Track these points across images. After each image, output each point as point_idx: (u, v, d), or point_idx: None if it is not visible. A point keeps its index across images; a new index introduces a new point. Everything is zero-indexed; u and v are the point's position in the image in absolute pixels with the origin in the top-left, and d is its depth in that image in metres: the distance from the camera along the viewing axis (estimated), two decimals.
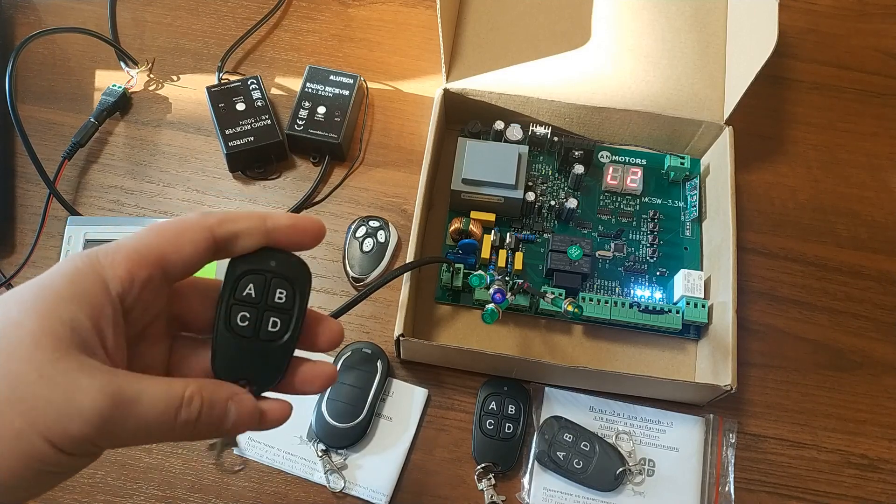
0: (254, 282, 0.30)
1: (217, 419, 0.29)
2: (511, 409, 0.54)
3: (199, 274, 0.31)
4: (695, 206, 0.62)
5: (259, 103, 0.63)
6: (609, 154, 0.64)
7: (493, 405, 0.55)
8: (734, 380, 0.51)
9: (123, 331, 0.28)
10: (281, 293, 0.31)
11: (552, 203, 0.62)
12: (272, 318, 0.31)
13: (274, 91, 0.68)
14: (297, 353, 0.32)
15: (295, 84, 0.67)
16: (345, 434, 0.53)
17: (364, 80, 0.67)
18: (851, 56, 0.72)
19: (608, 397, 0.56)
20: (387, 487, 0.52)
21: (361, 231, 0.60)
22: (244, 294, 0.30)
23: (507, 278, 0.56)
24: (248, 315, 0.30)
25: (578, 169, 0.61)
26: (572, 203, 0.60)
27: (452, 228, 0.59)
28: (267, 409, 0.31)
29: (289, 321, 0.31)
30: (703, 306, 0.56)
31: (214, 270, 0.52)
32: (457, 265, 0.57)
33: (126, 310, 0.28)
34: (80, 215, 0.60)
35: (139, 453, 0.53)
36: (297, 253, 0.32)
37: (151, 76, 0.68)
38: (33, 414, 0.25)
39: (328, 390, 0.54)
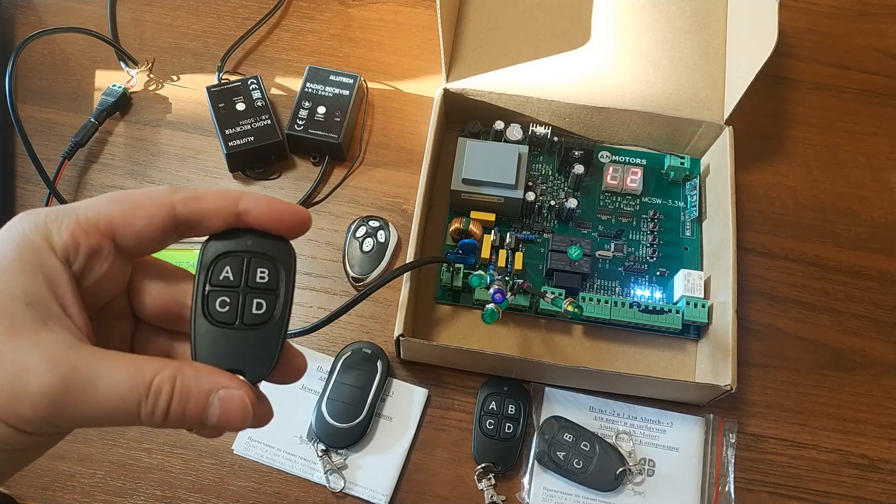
0: (230, 264, 0.28)
1: (194, 413, 0.26)
2: (511, 409, 0.54)
3: None
4: (695, 206, 0.62)
5: (259, 103, 0.63)
6: (609, 154, 0.64)
7: (493, 405, 0.55)
8: (734, 380, 0.51)
9: (79, 299, 0.26)
10: (262, 272, 0.28)
11: (552, 203, 0.62)
12: (256, 300, 0.28)
13: (274, 91, 0.68)
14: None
15: (295, 84, 0.67)
16: (345, 434, 0.53)
17: (364, 80, 0.67)
18: (851, 56, 0.72)
19: (608, 397, 0.56)
20: (387, 487, 0.52)
21: (361, 231, 0.60)
22: (221, 278, 0.28)
23: (507, 278, 0.56)
24: (227, 300, 0.28)
25: (578, 169, 0.61)
26: (572, 203, 0.60)
27: (452, 228, 0.59)
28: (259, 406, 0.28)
29: (275, 301, 0.28)
30: (703, 306, 0.56)
31: None
32: (457, 265, 0.57)
33: (76, 278, 0.26)
34: None
35: (139, 453, 0.53)
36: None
37: (151, 76, 0.68)
38: None
39: (328, 390, 0.54)
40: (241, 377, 0.28)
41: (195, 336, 0.28)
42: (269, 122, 0.62)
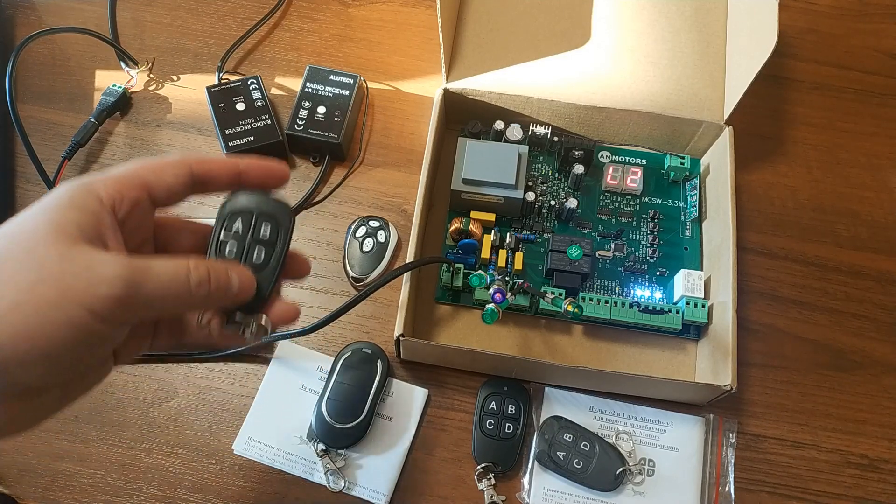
0: (241, 219, 0.35)
1: (224, 282, 0.33)
2: (511, 409, 0.54)
3: None
4: (695, 206, 0.62)
5: (259, 103, 0.63)
6: (609, 154, 0.64)
7: (493, 405, 0.55)
8: (734, 380, 0.51)
9: (122, 240, 0.31)
10: (266, 228, 0.35)
11: (552, 203, 0.62)
12: (258, 248, 0.35)
13: (274, 91, 0.68)
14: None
15: (295, 84, 0.67)
16: (345, 434, 0.53)
17: (364, 80, 0.67)
18: (851, 56, 0.72)
19: (608, 397, 0.56)
20: (387, 487, 0.52)
21: (361, 231, 0.60)
22: (233, 230, 0.35)
23: (507, 278, 0.56)
24: (236, 246, 0.35)
25: (578, 169, 0.61)
26: (572, 203, 0.60)
27: (452, 228, 0.59)
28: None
29: (271, 252, 0.35)
30: (703, 306, 0.56)
31: None
32: (457, 265, 0.57)
33: (119, 223, 0.31)
34: None
35: (139, 453, 0.53)
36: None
37: (151, 76, 0.68)
38: (63, 286, 0.28)
39: (328, 390, 0.54)
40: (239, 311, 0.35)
41: None
42: (269, 122, 0.63)
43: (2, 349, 0.27)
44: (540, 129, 0.62)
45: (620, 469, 0.52)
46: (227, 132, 0.62)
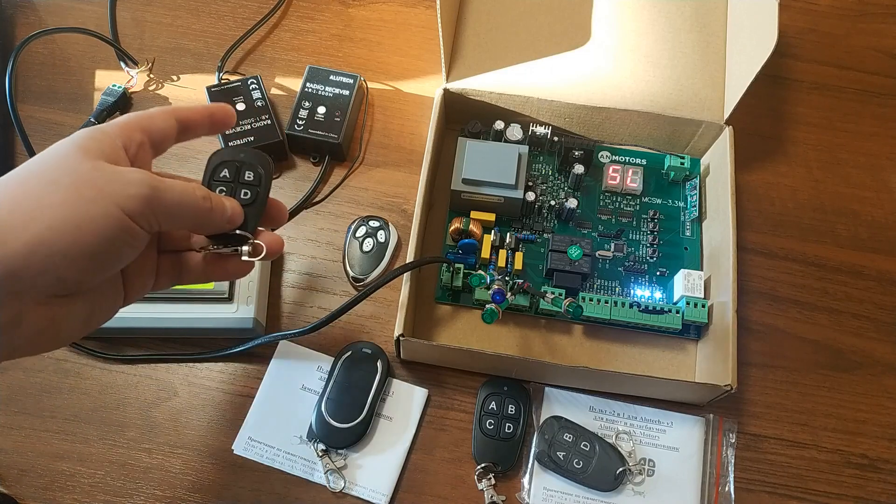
0: (227, 167, 0.41)
1: (220, 206, 0.38)
2: (511, 409, 0.54)
3: None
4: (695, 206, 0.62)
5: (259, 103, 0.63)
6: (609, 154, 0.64)
7: (493, 405, 0.55)
8: (734, 380, 0.51)
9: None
10: (249, 174, 0.41)
11: (552, 203, 0.62)
12: (244, 190, 0.40)
13: (274, 91, 0.68)
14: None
15: (295, 84, 0.67)
16: (345, 434, 0.53)
17: (364, 80, 0.67)
18: (851, 56, 0.72)
19: (608, 397, 0.56)
20: (387, 487, 0.52)
21: (361, 231, 0.60)
22: (221, 175, 0.40)
23: (507, 278, 0.56)
24: (225, 189, 0.40)
25: (578, 169, 0.61)
26: (572, 203, 0.60)
27: (452, 228, 0.59)
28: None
29: (256, 192, 0.41)
30: (703, 306, 0.56)
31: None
32: (457, 265, 0.57)
33: (130, 161, 0.36)
34: None
35: (139, 453, 0.53)
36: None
37: (151, 76, 0.68)
38: (99, 186, 0.32)
39: (328, 390, 0.54)
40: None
41: None
42: (269, 122, 0.63)
43: (49, 243, 0.31)
44: (540, 129, 0.62)
45: (620, 469, 0.52)
46: (226, 132, 0.62)
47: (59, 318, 0.34)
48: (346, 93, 0.64)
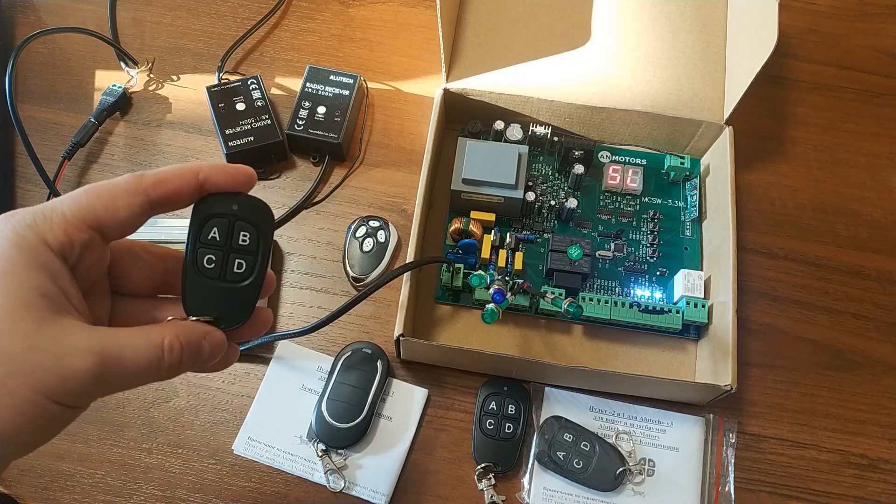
0: (218, 225, 0.32)
1: (194, 357, 0.31)
2: (511, 409, 0.54)
3: None
4: (695, 206, 0.62)
5: (259, 103, 0.63)
6: (609, 154, 0.64)
7: (493, 405, 0.55)
8: (734, 380, 0.51)
9: (78, 289, 0.30)
10: (244, 236, 0.32)
11: (552, 203, 0.62)
12: (237, 260, 0.32)
13: (274, 91, 0.68)
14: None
15: (295, 84, 0.67)
16: (345, 434, 0.53)
17: (364, 80, 0.67)
18: (851, 56, 0.72)
19: (608, 397, 0.56)
20: (387, 487, 0.52)
21: (361, 231, 0.60)
22: (209, 237, 0.32)
23: (507, 278, 0.56)
24: (214, 258, 0.32)
25: (578, 169, 0.61)
26: (572, 203, 0.60)
27: (452, 228, 0.59)
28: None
29: (253, 263, 0.33)
30: (703, 306, 0.56)
31: None
32: (457, 265, 0.57)
33: (71, 269, 0.29)
34: None
35: (139, 453, 0.53)
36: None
37: (151, 76, 0.68)
38: (34, 381, 0.27)
39: (328, 390, 0.54)
40: (217, 324, 0.33)
41: (186, 284, 0.32)
42: (269, 122, 0.63)
43: None
44: (540, 129, 0.62)
45: (620, 469, 0.52)
46: (227, 132, 0.62)
47: (38, 443, 0.29)
48: (346, 93, 0.64)
